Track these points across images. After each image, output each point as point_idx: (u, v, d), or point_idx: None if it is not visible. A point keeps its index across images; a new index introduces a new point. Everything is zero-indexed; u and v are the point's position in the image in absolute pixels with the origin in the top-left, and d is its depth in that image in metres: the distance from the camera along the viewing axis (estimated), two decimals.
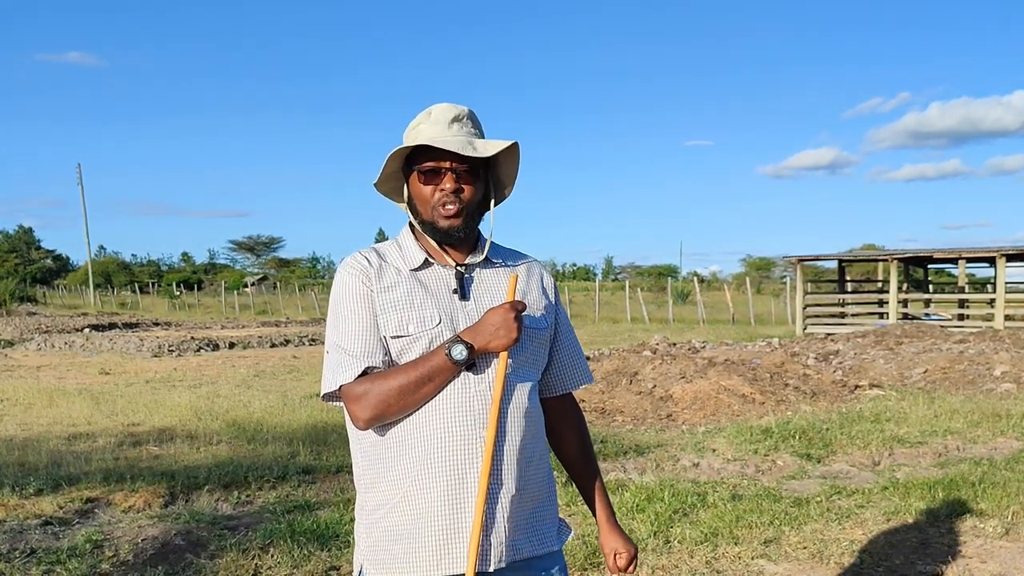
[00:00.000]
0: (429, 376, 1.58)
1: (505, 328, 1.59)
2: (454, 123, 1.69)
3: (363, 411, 1.60)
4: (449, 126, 1.69)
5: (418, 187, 1.70)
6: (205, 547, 4.28)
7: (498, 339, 1.59)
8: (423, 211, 1.71)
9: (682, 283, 49.34)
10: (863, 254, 27.30)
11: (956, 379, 10.60)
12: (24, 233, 74.66)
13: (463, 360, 1.58)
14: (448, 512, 1.60)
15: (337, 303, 1.69)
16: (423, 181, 1.69)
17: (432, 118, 1.71)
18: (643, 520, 4.65)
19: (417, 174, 1.70)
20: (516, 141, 1.70)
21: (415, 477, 1.61)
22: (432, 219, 1.70)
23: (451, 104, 1.72)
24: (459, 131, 1.69)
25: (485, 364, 1.64)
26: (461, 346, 1.58)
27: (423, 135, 1.69)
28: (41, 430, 7.78)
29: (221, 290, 46.51)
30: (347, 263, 1.72)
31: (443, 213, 1.68)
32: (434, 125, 1.69)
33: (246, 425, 7.78)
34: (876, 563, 4.10)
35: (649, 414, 8.52)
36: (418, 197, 1.71)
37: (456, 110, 1.71)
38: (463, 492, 1.60)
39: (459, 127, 1.70)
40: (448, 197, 1.67)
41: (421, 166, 1.68)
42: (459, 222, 1.69)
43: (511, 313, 1.60)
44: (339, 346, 1.65)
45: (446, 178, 1.67)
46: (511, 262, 1.83)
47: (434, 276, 1.72)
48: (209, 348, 18.02)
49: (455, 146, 1.63)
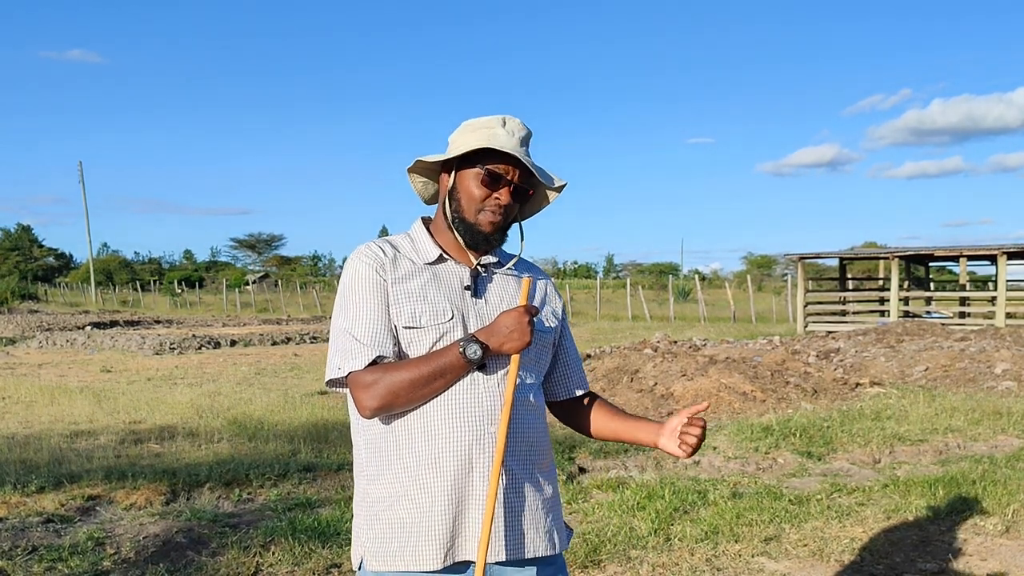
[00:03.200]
0: (441, 372, 1.60)
1: (519, 331, 1.62)
2: (523, 144, 1.73)
3: (371, 400, 1.60)
4: (521, 144, 1.72)
5: (472, 185, 1.70)
6: (206, 545, 4.29)
7: (512, 341, 1.62)
8: (467, 209, 1.71)
9: (683, 281, 49.35)
10: (864, 252, 27.26)
11: (957, 377, 10.60)
12: (24, 231, 74.70)
13: (477, 359, 1.60)
14: (455, 505, 1.62)
15: (349, 290, 1.69)
16: (484, 183, 1.69)
17: (507, 128, 1.72)
18: (644, 518, 4.66)
19: (481, 174, 1.69)
20: (567, 183, 1.77)
21: (422, 470, 1.63)
22: (475, 220, 1.71)
23: (520, 121, 1.75)
24: (524, 152, 1.72)
25: (495, 363, 1.66)
26: (476, 346, 1.60)
27: (500, 140, 1.68)
28: (43, 428, 7.80)
29: (223, 288, 46.49)
30: (361, 251, 1.72)
31: (489, 219, 1.70)
32: (510, 136, 1.71)
33: (247, 423, 7.79)
34: (876, 561, 4.10)
35: (650, 412, 8.52)
36: (467, 194, 1.71)
37: (526, 130, 1.75)
38: (470, 486, 1.63)
39: (525, 150, 1.73)
40: (500, 207, 1.70)
41: (489, 167, 1.69)
42: (497, 233, 1.73)
43: (525, 317, 1.62)
44: (349, 333, 1.65)
45: (505, 190, 1.70)
46: (522, 270, 1.85)
47: (447, 272, 1.73)
48: (210, 346, 18.03)
49: (533, 167, 1.70)
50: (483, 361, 1.62)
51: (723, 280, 50.68)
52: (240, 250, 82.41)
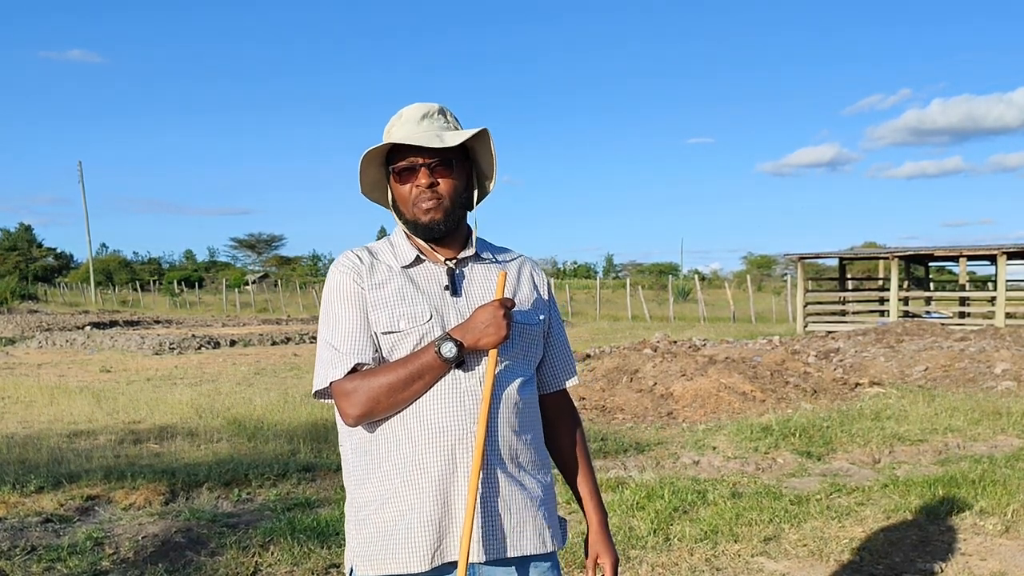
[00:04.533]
0: (419, 373, 1.59)
1: (495, 325, 1.60)
2: (424, 120, 1.71)
3: (352, 408, 1.60)
4: (419, 123, 1.71)
5: (396, 187, 1.72)
6: (205, 545, 4.28)
7: (487, 336, 1.60)
8: (405, 211, 1.72)
9: (683, 281, 49.32)
10: (864, 252, 27.26)
11: (957, 377, 10.60)
12: (24, 231, 74.68)
13: (453, 357, 1.59)
14: (440, 506, 1.61)
15: (329, 301, 1.70)
16: (399, 180, 1.71)
17: (403, 119, 1.73)
18: (643, 518, 4.66)
19: (394, 175, 1.71)
20: (485, 128, 1.71)
21: (406, 472, 1.62)
22: (413, 217, 1.71)
23: (421, 103, 1.74)
24: (429, 127, 1.71)
25: (475, 361, 1.64)
26: (451, 343, 1.58)
27: (394, 135, 1.71)
28: (42, 428, 7.80)
29: (222, 288, 46.48)
30: (339, 262, 1.73)
31: (423, 208, 1.69)
32: (405, 124, 1.72)
33: (247, 423, 7.79)
34: (876, 560, 4.10)
35: (650, 412, 8.52)
36: (398, 197, 1.73)
37: (425, 107, 1.73)
38: (454, 486, 1.61)
39: (429, 123, 1.71)
40: (424, 192, 1.68)
41: (395, 165, 1.70)
42: (439, 216, 1.69)
43: (500, 310, 1.61)
44: (329, 344, 1.66)
45: (420, 174, 1.68)
46: (502, 259, 1.83)
47: (425, 273, 1.73)
48: (210, 346, 18.03)
49: (422, 140, 1.65)
50: (460, 359, 1.60)
51: (723, 280, 50.71)
52: (240, 250, 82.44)
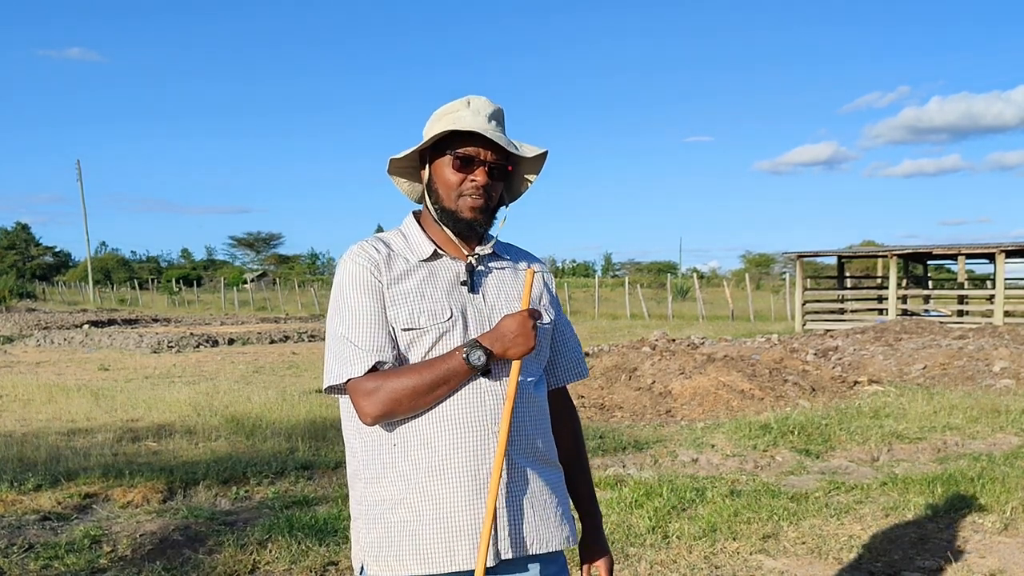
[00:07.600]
0: (445, 379, 1.56)
1: (524, 336, 1.58)
2: (492, 119, 1.67)
3: (372, 407, 1.56)
4: (488, 120, 1.66)
5: (446, 172, 1.66)
6: (203, 542, 4.28)
7: (516, 347, 1.58)
8: (445, 197, 1.67)
9: (682, 279, 49.38)
10: (862, 250, 27.27)
11: (955, 375, 10.60)
12: (22, 230, 74.62)
13: (481, 366, 1.56)
14: (467, 507, 1.58)
15: (343, 293, 1.64)
16: (456, 167, 1.64)
17: (472, 108, 1.66)
18: (642, 515, 4.65)
19: (452, 159, 1.64)
20: (547, 150, 1.70)
21: (426, 472, 1.59)
22: (455, 208, 1.66)
23: (489, 100, 1.69)
24: (496, 128, 1.67)
25: (496, 365, 1.62)
26: (480, 351, 1.56)
27: (465, 122, 1.63)
28: (40, 426, 7.78)
29: (220, 286, 46.45)
30: (354, 252, 1.67)
31: (469, 204, 1.65)
32: (475, 116, 1.65)
33: (245, 421, 7.78)
34: (875, 558, 4.10)
35: (648, 410, 8.52)
36: (443, 183, 1.66)
37: (495, 107, 1.69)
38: (479, 487, 1.59)
39: (496, 125, 1.67)
40: (478, 190, 1.65)
41: (458, 151, 1.64)
42: (481, 217, 1.67)
43: (529, 321, 1.59)
44: (346, 338, 1.61)
45: (479, 170, 1.64)
46: (517, 259, 1.81)
47: (443, 268, 1.69)
48: (208, 344, 18.01)
49: (500, 140, 1.62)
50: (488, 367, 1.58)
51: (721, 278, 50.68)
52: (238, 248, 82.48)
